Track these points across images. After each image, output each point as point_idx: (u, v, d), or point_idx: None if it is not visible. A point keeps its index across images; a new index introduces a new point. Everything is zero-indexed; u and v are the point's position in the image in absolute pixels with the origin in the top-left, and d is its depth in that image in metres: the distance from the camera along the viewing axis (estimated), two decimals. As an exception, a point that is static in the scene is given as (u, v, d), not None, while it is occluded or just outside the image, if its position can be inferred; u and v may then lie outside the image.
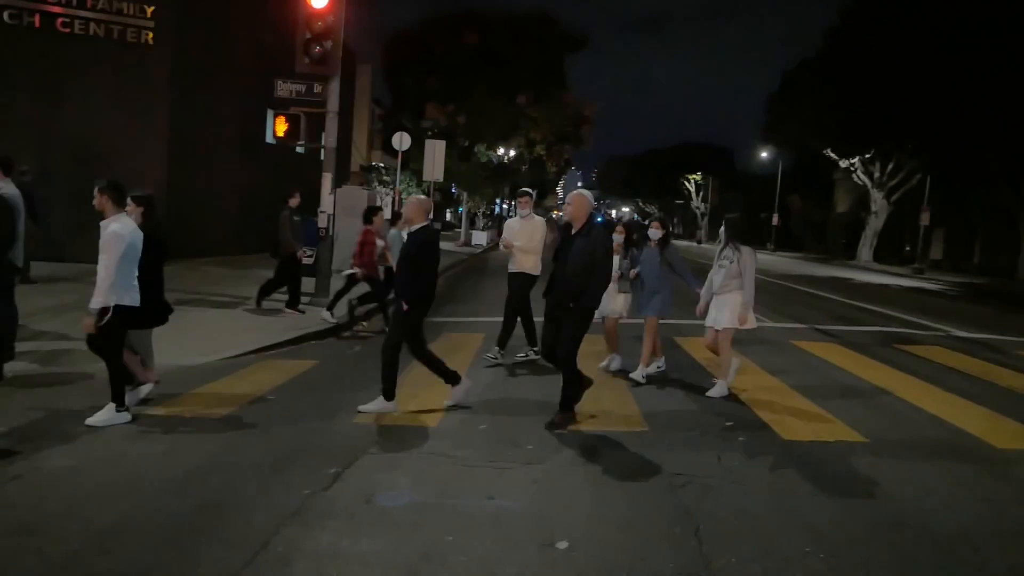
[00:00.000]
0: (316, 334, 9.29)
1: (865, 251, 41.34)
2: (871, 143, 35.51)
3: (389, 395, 5.89)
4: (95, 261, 5.34)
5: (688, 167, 77.53)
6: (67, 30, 14.21)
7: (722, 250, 7.17)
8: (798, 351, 9.76)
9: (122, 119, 14.70)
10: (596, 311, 7.57)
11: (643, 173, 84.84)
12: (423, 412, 5.99)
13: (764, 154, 55.53)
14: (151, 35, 14.68)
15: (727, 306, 6.96)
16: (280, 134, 11.13)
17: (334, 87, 11.25)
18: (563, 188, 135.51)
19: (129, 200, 5.58)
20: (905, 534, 4.04)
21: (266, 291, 10.55)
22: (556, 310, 5.86)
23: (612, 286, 7.29)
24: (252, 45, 17.97)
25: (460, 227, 39.47)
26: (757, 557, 3.65)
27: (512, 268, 8.23)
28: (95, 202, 5.35)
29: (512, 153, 39.37)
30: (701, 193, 78.28)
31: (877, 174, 39.45)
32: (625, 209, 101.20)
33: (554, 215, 65.34)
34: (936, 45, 25.88)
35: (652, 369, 7.67)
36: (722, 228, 7.49)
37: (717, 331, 7.08)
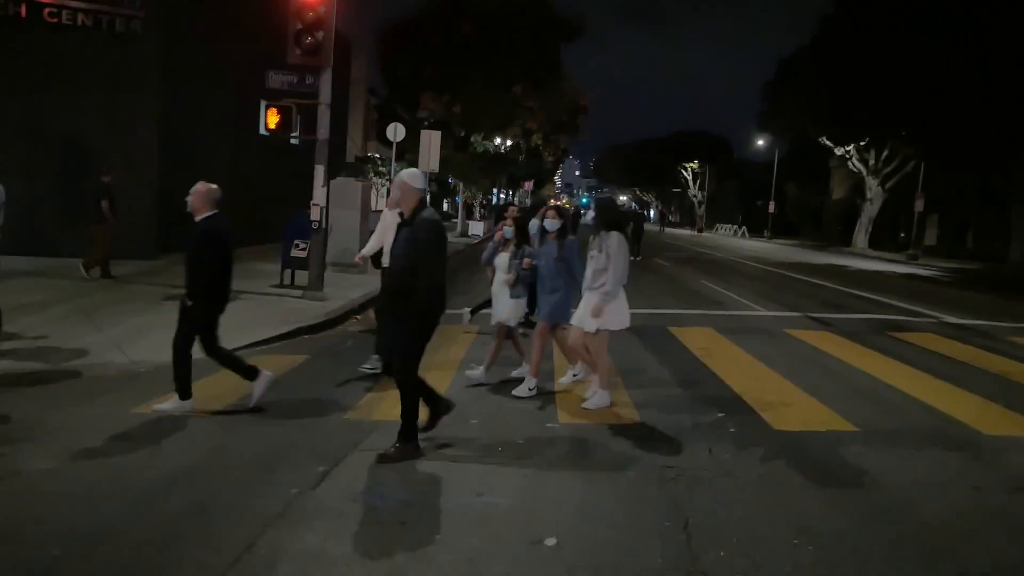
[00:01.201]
0: (309, 328, 9.27)
1: (861, 238, 41.39)
2: (866, 130, 35.46)
3: (184, 394, 5.56)
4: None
5: (685, 155, 77.34)
6: (54, 20, 14.04)
7: (592, 240, 6.22)
8: (791, 339, 9.76)
9: (111, 111, 14.58)
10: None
11: (641, 162, 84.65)
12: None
13: (760, 142, 55.44)
14: (140, 24, 14.55)
15: (591, 303, 6.07)
16: (272, 126, 11.03)
17: (326, 78, 11.17)
18: (561, 177, 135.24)
19: None
20: (893, 523, 4.04)
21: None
22: (388, 315, 5.02)
23: (503, 288, 6.65)
24: (244, 35, 17.82)
25: (457, 218, 39.37)
26: (745, 550, 3.65)
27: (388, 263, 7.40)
28: None
29: (509, 143, 39.21)
30: (698, 181, 78.16)
31: (872, 161, 39.43)
32: (623, 197, 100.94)
33: (551, 203, 65.21)
34: (928, 34, 25.80)
35: (568, 379, 6.85)
36: (589, 213, 6.86)
37: (587, 333, 6.20)
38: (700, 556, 3.58)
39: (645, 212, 61.33)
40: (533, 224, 9.86)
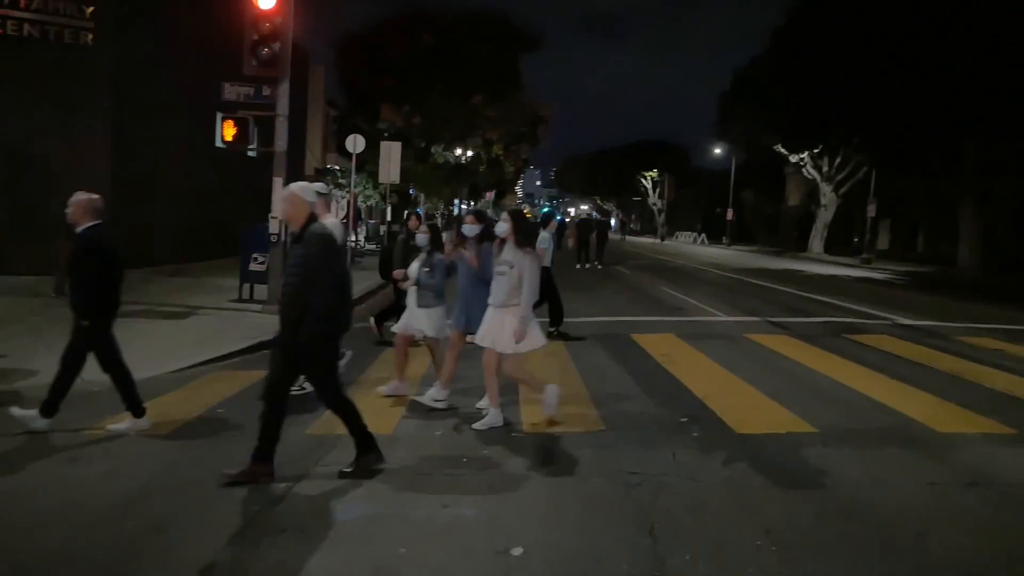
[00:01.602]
0: (269, 342, 9.11)
1: (816, 243, 42.30)
2: (818, 138, 36.28)
3: (136, 412, 5.46)
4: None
5: (644, 164, 78.25)
6: (-1, 31, 13.72)
7: (501, 253, 5.74)
8: (751, 344, 9.90)
9: (61, 124, 14.22)
10: (398, 329, 6.55)
11: (600, 171, 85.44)
12: (378, 419, 5.91)
13: (717, 150, 56.34)
14: (90, 36, 14.23)
15: (512, 326, 5.60)
16: (228, 138, 10.87)
17: (283, 90, 11.06)
18: (522, 187, 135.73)
19: None
20: (853, 521, 4.12)
21: (383, 317, 9.80)
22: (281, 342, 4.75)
23: (412, 298, 6.52)
24: (199, 46, 17.56)
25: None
26: (710, 553, 3.68)
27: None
28: None
29: (469, 153, 39.28)
30: (658, 189, 79.10)
31: (825, 168, 40.37)
32: (584, 207, 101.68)
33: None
34: (877, 44, 26.54)
35: (441, 399, 6.31)
36: (501, 223, 5.79)
37: (499, 353, 5.76)
38: (666, 561, 3.60)
39: (609, 220, 61.78)
40: (544, 236, 10.09)
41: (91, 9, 14.18)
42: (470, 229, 6.26)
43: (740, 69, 42.37)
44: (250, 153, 11.41)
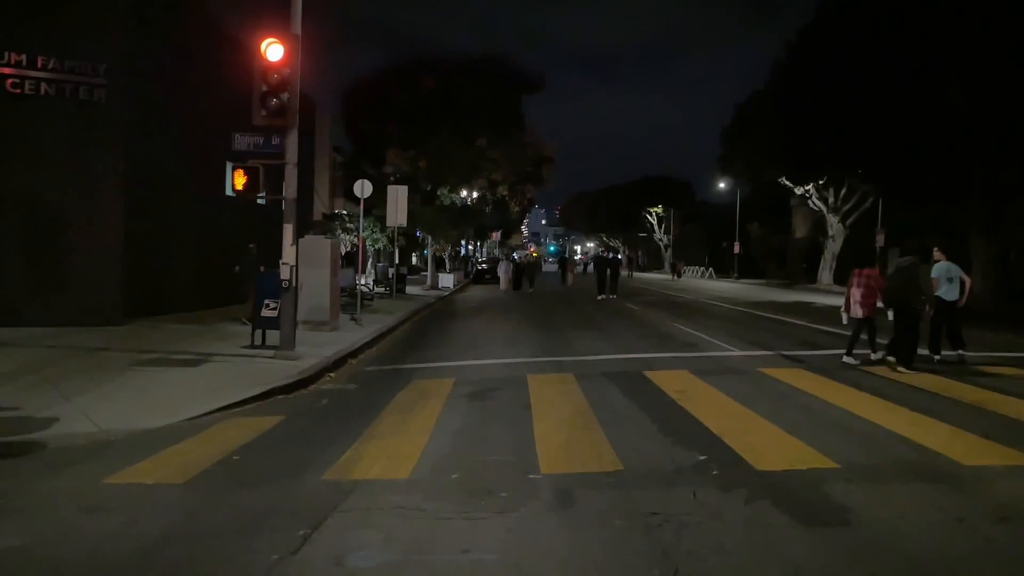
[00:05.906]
0: (283, 388, 9.12)
1: (825, 274, 42.22)
2: (822, 170, 36.46)
3: None
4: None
5: (649, 200, 78.81)
6: (17, 91, 14.03)
7: None
8: (766, 378, 9.83)
9: (76, 178, 14.49)
10: None
11: (605, 208, 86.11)
12: (394, 463, 5.87)
13: (722, 185, 56.65)
14: (104, 92, 14.56)
15: None
16: (239, 187, 11.03)
17: (292, 138, 11.24)
18: (528, 227, 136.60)
19: None
20: (882, 560, 4.02)
21: (898, 347, 10.55)
22: None
23: None
24: (209, 97, 17.93)
25: (426, 270, 39.40)
26: (737, 595, 3.61)
27: None
28: None
29: (475, 195, 39.64)
30: (663, 225, 79.41)
31: (831, 199, 40.49)
32: (590, 244, 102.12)
33: (515, 256, 65.22)
34: (876, 75, 26.81)
35: None
36: None
37: None
38: (693, 603, 3.52)
39: (619, 257, 61.64)
40: (941, 267, 11.69)
41: (104, 67, 14.52)
42: None
43: (741, 104, 42.89)
44: (259, 200, 11.54)
